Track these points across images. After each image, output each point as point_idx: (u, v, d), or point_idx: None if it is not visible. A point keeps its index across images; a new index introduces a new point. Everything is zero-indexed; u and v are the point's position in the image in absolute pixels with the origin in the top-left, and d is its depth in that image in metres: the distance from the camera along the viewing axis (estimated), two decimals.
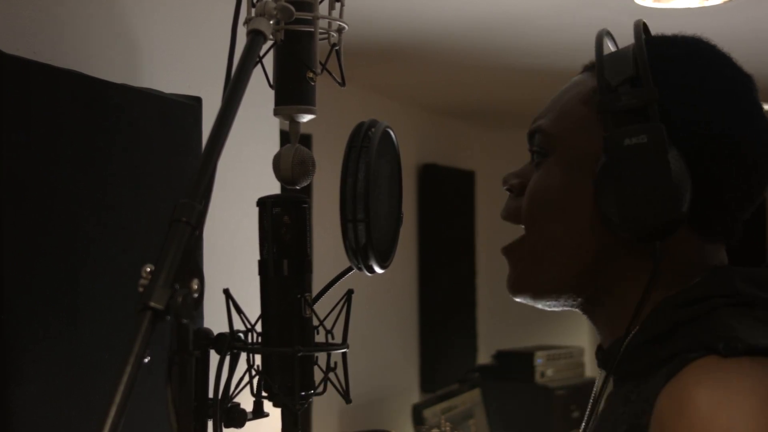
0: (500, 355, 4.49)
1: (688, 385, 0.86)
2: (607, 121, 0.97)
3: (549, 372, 4.31)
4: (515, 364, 4.36)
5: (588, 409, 1.08)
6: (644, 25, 1.06)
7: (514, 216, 1.09)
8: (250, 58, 1.00)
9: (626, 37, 1.07)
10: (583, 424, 1.08)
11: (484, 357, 4.74)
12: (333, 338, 1.20)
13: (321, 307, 1.20)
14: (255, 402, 1.19)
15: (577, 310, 1.08)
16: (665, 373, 0.90)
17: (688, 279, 1.00)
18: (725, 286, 0.97)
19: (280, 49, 1.19)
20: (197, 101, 1.63)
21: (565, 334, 4.71)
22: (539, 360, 4.30)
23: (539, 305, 1.08)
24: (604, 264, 1.02)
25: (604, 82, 0.99)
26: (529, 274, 1.07)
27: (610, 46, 1.08)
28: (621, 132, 0.95)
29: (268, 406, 1.19)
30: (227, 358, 1.14)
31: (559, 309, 1.08)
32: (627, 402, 0.96)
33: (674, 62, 1.00)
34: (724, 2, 2.42)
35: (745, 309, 0.94)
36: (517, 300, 1.09)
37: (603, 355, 1.05)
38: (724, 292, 0.96)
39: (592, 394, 1.08)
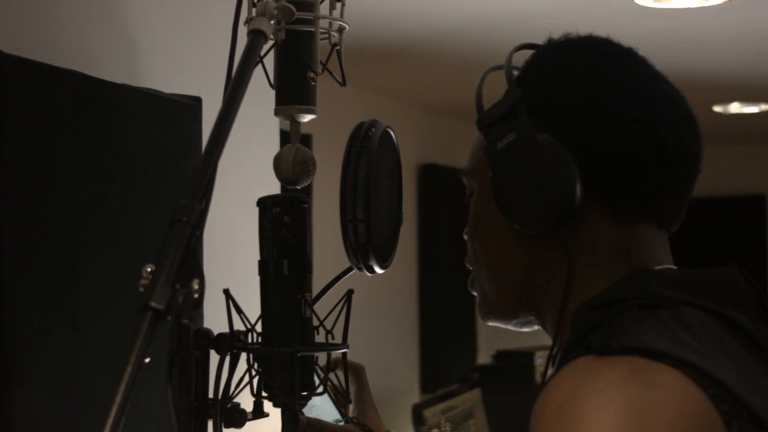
0: (500, 355, 4.50)
1: (552, 386, 0.87)
2: (486, 135, 1.01)
3: (549, 372, 4.31)
4: (515, 364, 4.37)
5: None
6: (529, 45, 1.09)
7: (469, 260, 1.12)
8: (251, 58, 1.00)
9: (626, 38, 1.07)
10: None
11: (484, 357, 4.74)
12: (333, 338, 1.20)
13: (321, 307, 1.20)
14: (255, 402, 1.19)
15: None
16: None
17: (616, 273, 0.99)
18: (637, 287, 0.96)
19: (280, 49, 1.19)
20: (197, 101, 1.63)
21: None
22: (539, 360, 4.30)
23: (511, 328, 1.10)
24: (533, 267, 1.03)
25: (481, 103, 1.04)
26: (484, 301, 1.10)
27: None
28: (493, 138, 0.99)
29: (268, 406, 1.19)
30: (227, 358, 1.14)
31: (529, 329, 1.10)
32: None
33: (539, 62, 1.04)
34: (724, 2, 2.42)
35: (649, 310, 0.92)
36: (491, 324, 1.12)
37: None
38: (636, 294, 0.95)
39: None
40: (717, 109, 4.26)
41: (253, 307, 1.19)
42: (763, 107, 4.29)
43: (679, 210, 1.03)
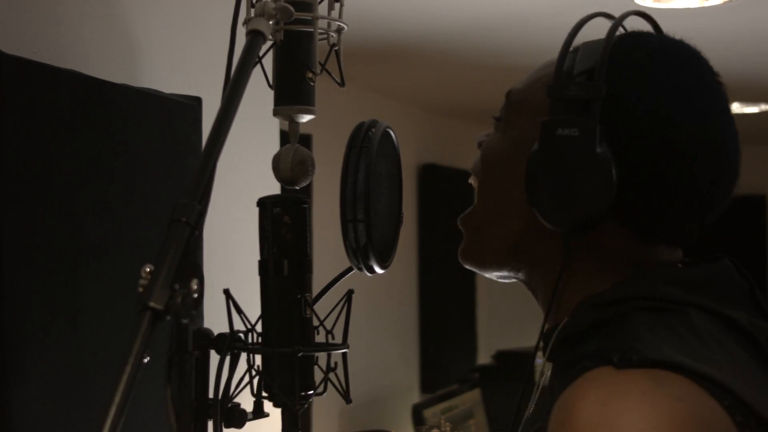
0: (500, 355, 4.50)
1: (575, 398, 0.85)
2: (554, 107, 0.97)
3: (549, 372, 4.31)
4: (515, 364, 4.36)
5: (521, 390, 1.08)
6: (646, 16, 1.05)
7: (474, 169, 1.10)
8: (250, 58, 1.00)
9: None
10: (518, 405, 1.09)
11: (484, 357, 4.74)
12: (333, 338, 1.20)
13: (321, 307, 1.20)
14: (255, 402, 1.19)
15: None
16: (568, 377, 0.89)
17: (616, 275, 0.98)
18: (646, 288, 0.95)
19: (279, 50, 1.19)
20: (197, 101, 1.63)
21: None
22: (539, 360, 4.30)
23: (487, 275, 1.09)
24: (533, 241, 1.01)
25: (562, 68, 0.98)
26: (474, 244, 1.08)
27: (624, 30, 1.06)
28: (556, 121, 0.95)
29: (268, 406, 1.19)
30: (227, 358, 1.14)
31: (508, 281, 1.09)
32: (551, 395, 0.96)
33: (633, 62, 0.98)
34: (724, 2, 2.42)
35: (660, 315, 0.91)
36: (466, 267, 1.10)
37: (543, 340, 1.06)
38: (643, 294, 0.94)
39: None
40: None
41: (253, 307, 1.19)
42: (763, 107, 4.28)
43: (696, 230, 1.02)
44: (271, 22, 1.04)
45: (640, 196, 0.95)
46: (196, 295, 0.81)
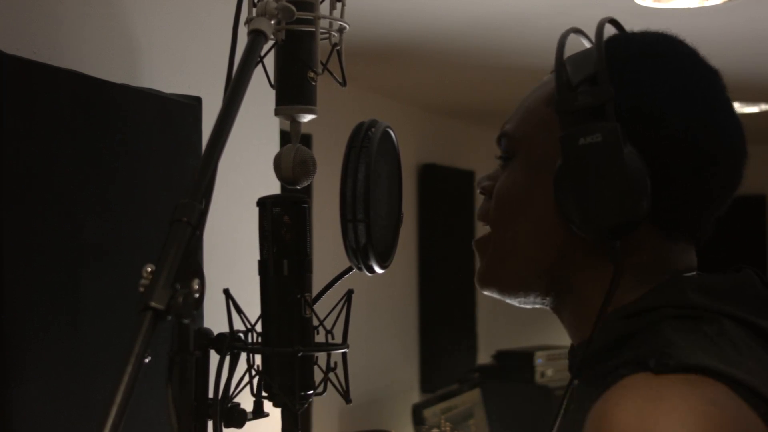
0: (500, 355, 4.50)
1: (610, 405, 0.85)
2: (564, 121, 0.97)
3: (549, 372, 4.31)
4: (515, 364, 4.36)
5: (557, 409, 1.07)
6: (615, 21, 1.05)
7: (485, 216, 1.09)
8: (251, 58, 1.00)
9: None
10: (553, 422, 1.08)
11: (484, 357, 4.74)
12: (333, 338, 1.20)
13: (321, 307, 1.20)
14: (255, 402, 1.19)
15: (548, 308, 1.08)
16: (599, 389, 0.88)
17: (651, 281, 0.98)
18: (675, 296, 0.95)
19: (281, 49, 1.19)
20: (197, 101, 1.63)
21: (565, 335, 4.70)
22: (539, 360, 4.30)
23: (507, 300, 1.08)
24: (567, 262, 1.01)
25: (563, 81, 0.98)
26: (495, 269, 1.06)
27: (586, 45, 1.08)
28: (576, 131, 0.95)
29: (268, 406, 1.19)
30: (227, 358, 1.14)
31: (530, 306, 1.08)
32: (581, 409, 0.95)
33: (631, 60, 0.99)
34: (724, 2, 2.42)
35: (690, 322, 0.92)
36: (485, 293, 1.09)
37: (570, 357, 1.06)
38: (673, 302, 0.94)
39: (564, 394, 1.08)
40: None
41: (253, 307, 1.19)
42: (763, 107, 4.28)
43: (710, 225, 1.03)
44: (272, 22, 1.04)
45: (666, 189, 0.95)
46: (197, 295, 0.81)
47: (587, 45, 1.07)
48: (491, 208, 1.07)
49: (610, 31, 1.04)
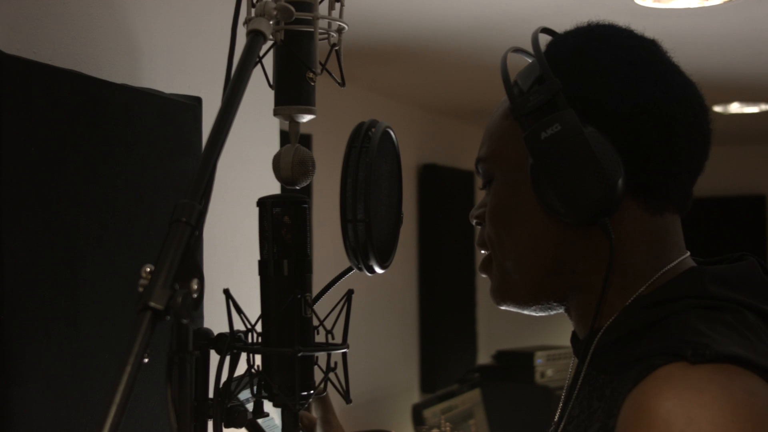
0: (500, 355, 4.50)
1: (650, 395, 0.86)
2: (524, 124, 1.01)
3: (549, 372, 4.32)
4: (515, 364, 4.37)
5: (564, 395, 1.09)
6: (548, 29, 1.11)
7: (484, 244, 1.13)
8: (250, 58, 1.00)
9: None
10: (559, 411, 1.09)
11: (484, 357, 4.74)
12: (333, 338, 1.20)
13: (321, 307, 1.20)
14: (255, 402, 1.19)
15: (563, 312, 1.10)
16: (633, 376, 0.90)
17: (649, 260, 1.01)
18: (696, 287, 0.97)
19: (280, 50, 1.19)
20: (197, 101, 1.63)
21: (565, 334, 4.69)
22: (539, 360, 4.30)
23: (526, 312, 1.10)
24: (566, 256, 1.04)
25: (515, 92, 1.04)
26: (505, 283, 1.10)
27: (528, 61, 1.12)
28: (536, 127, 0.99)
29: (268, 406, 1.19)
30: (227, 358, 1.14)
31: (546, 314, 1.11)
32: (602, 397, 0.97)
33: (571, 53, 1.03)
34: (724, 2, 2.42)
35: (715, 313, 0.94)
36: (502, 308, 1.12)
37: (578, 345, 1.08)
38: (694, 293, 0.97)
39: (567, 381, 1.09)
40: (717, 109, 4.26)
41: (253, 307, 1.19)
42: (763, 107, 4.28)
43: (692, 192, 1.06)
44: (271, 22, 1.04)
45: (636, 158, 0.99)
46: (196, 295, 0.81)
47: (529, 60, 1.11)
48: (487, 231, 1.10)
49: (545, 40, 1.10)
